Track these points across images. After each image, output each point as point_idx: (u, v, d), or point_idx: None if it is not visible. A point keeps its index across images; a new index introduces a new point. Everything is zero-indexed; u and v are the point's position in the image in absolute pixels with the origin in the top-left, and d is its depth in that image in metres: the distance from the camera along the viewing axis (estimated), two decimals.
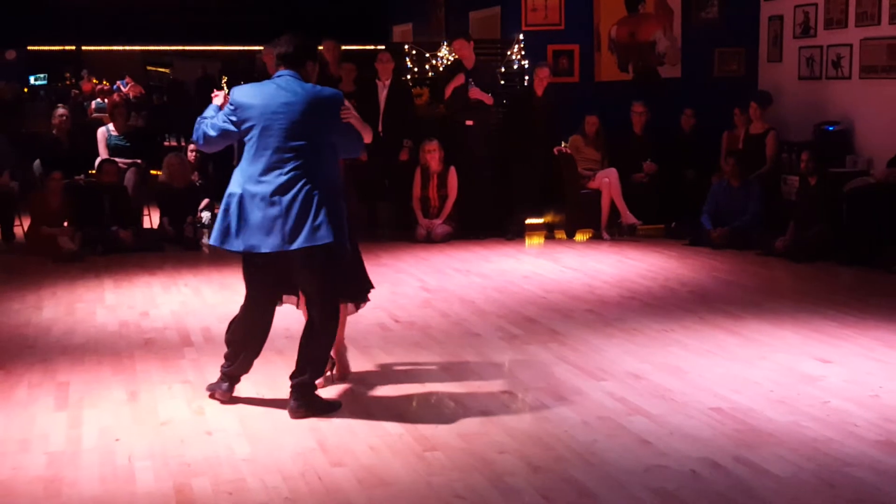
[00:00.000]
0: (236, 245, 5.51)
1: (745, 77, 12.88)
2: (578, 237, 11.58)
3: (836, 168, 10.71)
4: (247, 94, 5.59)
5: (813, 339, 7.04)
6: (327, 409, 5.67)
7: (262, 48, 11.66)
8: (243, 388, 6.11)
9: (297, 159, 5.45)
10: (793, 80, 12.23)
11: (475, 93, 11.40)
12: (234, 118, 5.56)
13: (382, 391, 6.06)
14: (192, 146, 12.77)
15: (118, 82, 24.90)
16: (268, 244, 5.44)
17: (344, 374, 6.30)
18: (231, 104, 5.60)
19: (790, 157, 11.20)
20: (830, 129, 11.28)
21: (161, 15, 20.20)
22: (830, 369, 6.35)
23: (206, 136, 5.67)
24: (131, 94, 21.77)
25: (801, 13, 12.03)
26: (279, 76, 5.61)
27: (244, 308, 5.85)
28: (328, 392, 5.96)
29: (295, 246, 5.40)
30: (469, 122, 11.50)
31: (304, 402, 5.62)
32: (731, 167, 10.88)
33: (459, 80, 11.42)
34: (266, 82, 5.70)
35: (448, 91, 11.53)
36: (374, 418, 5.55)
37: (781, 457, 4.91)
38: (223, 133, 5.62)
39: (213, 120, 5.67)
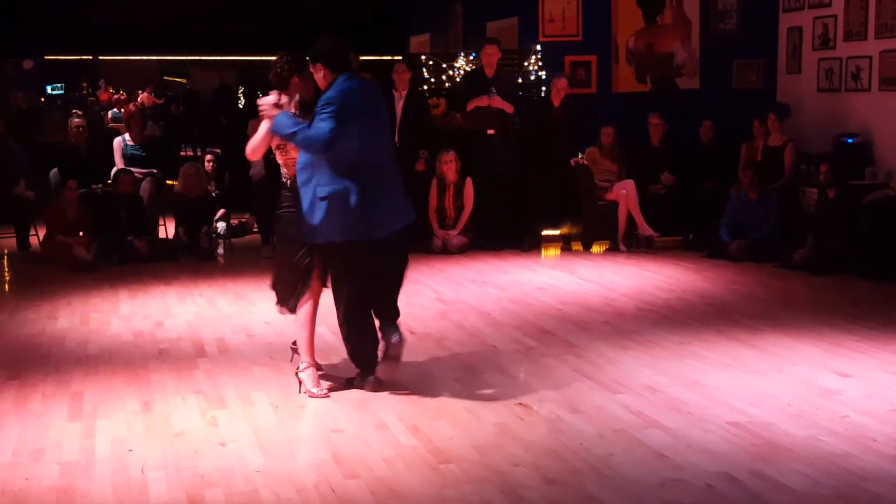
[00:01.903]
0: (375, 233, 5.83)
1: (764, 89, 12.81)
2: (595, 249, 11.54)
3: (855, 180, 10.65)
4: (341, 88, 5.77)
5: (832, 353, 6.98)
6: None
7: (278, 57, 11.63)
8: (257, 398, 6.11)
9: (391, 145, 6.14)
10: (812, 91, 12.17)
11: (497, 101, 11.38)
12: (342, 114, 5.70)
13: (397, 402, 6.03)
14: (209, 157, 12.77)
15: (139, 92, 24.96)
16: (398, 222, 5.92)
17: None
18: (330, 101, 5.70)
19: (809, 169, 11.13)
20: (850, 141, 11.21)
21: (178, 24, 20.23)
22: (849, 383, 6.29)
23: (332, 131, 5.63)
24: (146, 104, 21.85)
25: (821, 25, 11.97)
26: (350, 76, 5.87)
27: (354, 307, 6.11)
28: (347, 395, 5.93)
29: (413, 217, 6.05)
30: (490, 132, 11.48)
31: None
32: (750, 179, 10.82)
33: (483, 101, 11.39)
34: (345, 82, 5.84)
35: (470, 106, 11.51)
36: (388, 430, 5.53)
37: (799, 471, 4.86)
38: (341, 120, 5.67)
39: (317, 123, 5.70)
